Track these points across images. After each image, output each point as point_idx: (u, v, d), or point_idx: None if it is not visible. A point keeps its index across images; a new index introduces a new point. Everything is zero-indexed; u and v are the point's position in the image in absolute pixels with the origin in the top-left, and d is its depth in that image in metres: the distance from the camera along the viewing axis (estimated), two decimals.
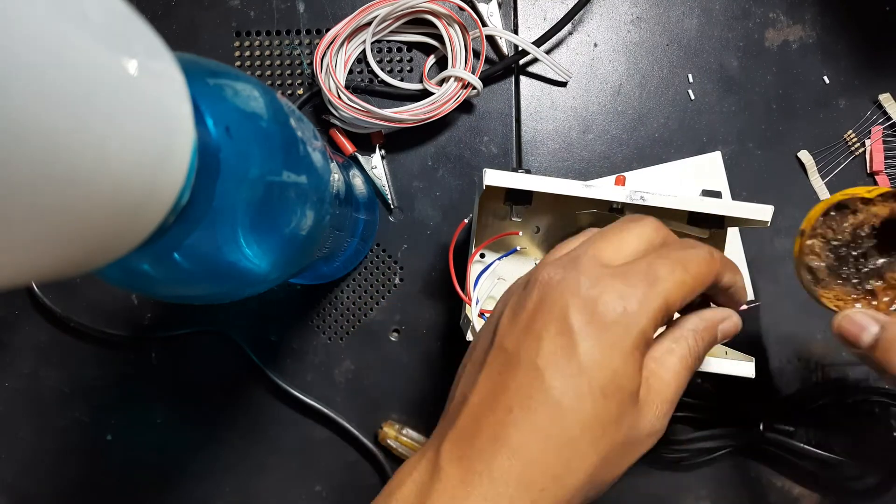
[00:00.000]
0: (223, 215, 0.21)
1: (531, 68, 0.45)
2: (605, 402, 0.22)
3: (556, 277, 0.23)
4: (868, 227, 0.31)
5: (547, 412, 0.21)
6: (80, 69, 0.13)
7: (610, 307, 0.22)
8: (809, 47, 0.45)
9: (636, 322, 0.22)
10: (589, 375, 0.22)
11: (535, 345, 0.22)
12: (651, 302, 0.22)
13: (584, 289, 0.22)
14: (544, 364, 0.22)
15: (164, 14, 0.46)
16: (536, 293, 0.23)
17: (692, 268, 0.24)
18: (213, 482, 0.45)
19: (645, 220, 0.26)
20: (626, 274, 0.23)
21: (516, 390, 0.22)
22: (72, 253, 0.15)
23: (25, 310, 0.46)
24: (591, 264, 0.23)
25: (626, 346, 0.22)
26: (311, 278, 0.43)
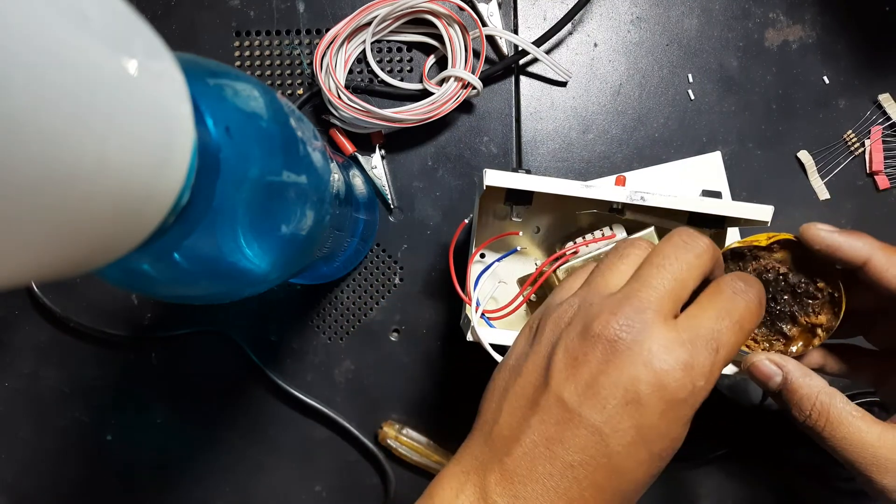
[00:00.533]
0: (223, 215, 0.21)
1: (531, 68, 0.45)
2: (658, 465, 0.24)
3: (624, 339, 0.23)
4: (773, 272, 0.32)
5: (606, 473, 0.23)
6: (80, 69, 0.13)
7: (680, 385, 0.22)
8: (809, 47, 0.45)
9: (700, 397, 0.23)
10: (651, 445, 0.23)
11: (601, 409, 0.23)
12: (715, 374, 0.23)
13: (656, 361, 0.22)
14: (610, 431, 0.22)
15: (164, 14, 0.46)
16: (602, 352, 0.23)
17: (748, 325, 0.24)
18: (213, 482, 0.45)
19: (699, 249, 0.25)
20: (693, 343, 0.23)
21: (578, 449, 0.23)
22: (72, 253, 0.15)
23: (25, 310, 0.46)
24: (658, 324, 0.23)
25: (687, 418, 0.23)
26: (311, 278, 0.43)
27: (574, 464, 0.23)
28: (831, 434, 0.27)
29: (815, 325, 0.31)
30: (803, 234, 0.30)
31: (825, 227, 0.30)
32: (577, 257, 0.36)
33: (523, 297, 0.35)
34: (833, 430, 0.27)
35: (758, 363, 0.30)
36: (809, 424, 0.28)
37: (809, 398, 0.28)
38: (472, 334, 0.34)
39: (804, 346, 0.32)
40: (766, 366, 0.30)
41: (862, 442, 0.27)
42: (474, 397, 0.45)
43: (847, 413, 0.27)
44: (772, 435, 0.43)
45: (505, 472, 0.23)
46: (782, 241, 0.32)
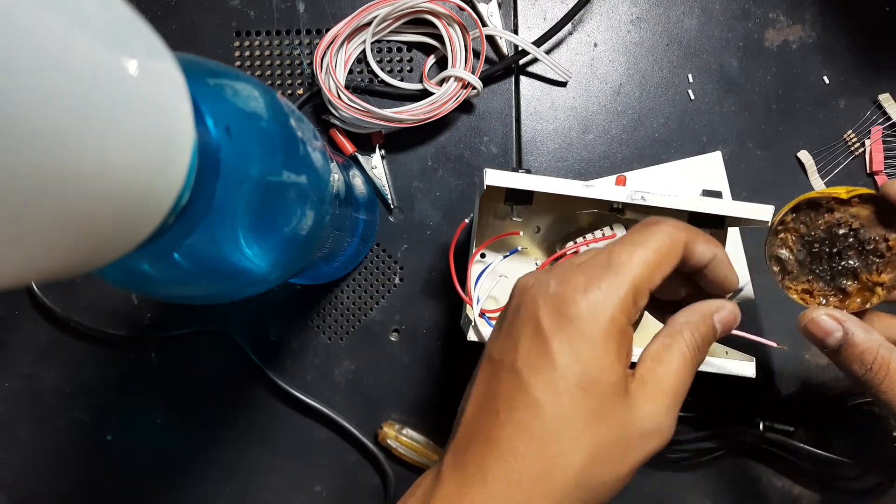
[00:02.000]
0: (223, 215, 0.21)
1: (531, 68, 0.45)
2: (583, 396, 0.22)
3: (530, 281, 0.24)
4: (845, 227, 0.31)
5: (528, 411, 0.22)
6: (81, 69, 0.13)
7: (574, 300, 0.22)
8: (809, 47, 0.45)
9: (602, 311, 0.22)
10: (563, 370, 0.22)
11: (514, 348, 0.23)
12: (616, 289, 0.23)
13: (552, 288, 0.23)
14: (522, 365, 0.22)
15: (164, 14, 0.46)
16: (515, 300, 0.25)
17: (653, 243, 0.24)
18: (213, 482, 0.45)
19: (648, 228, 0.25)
20: (586, 266, 0.23)
21: (502, 395, 0.23)
22: (72, 253, 0.15)
23: (25, 310, 0.46)
24: (563, 266, 0.24)
25: (595, 337, 0.22)
26: (311, 278, 0.43)
27: (499, 410, 0.22)
28: (889, 387, 0.27)
29: (876, 283, 0.30)
30: (886, 188, 0.29)
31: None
32: None
33: None
34: (890, 387, 0.27)
35: (816, 319, 0.28)
36: (869, 378, 0.27)
37: (871, 352, 0.27)
38: (472, 334, 0.34)
39: (861, 304, 0.30)
40: (826, 321, 0.28)
41: None
42: None
43: None
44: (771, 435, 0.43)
45: (454, 446, 0.24)
46: (863, 195, 0.30)
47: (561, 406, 0.22)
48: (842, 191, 0.30)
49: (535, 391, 0.22)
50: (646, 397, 0.23)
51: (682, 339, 0.25)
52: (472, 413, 0.24)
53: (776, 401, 0.43)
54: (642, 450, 0.23)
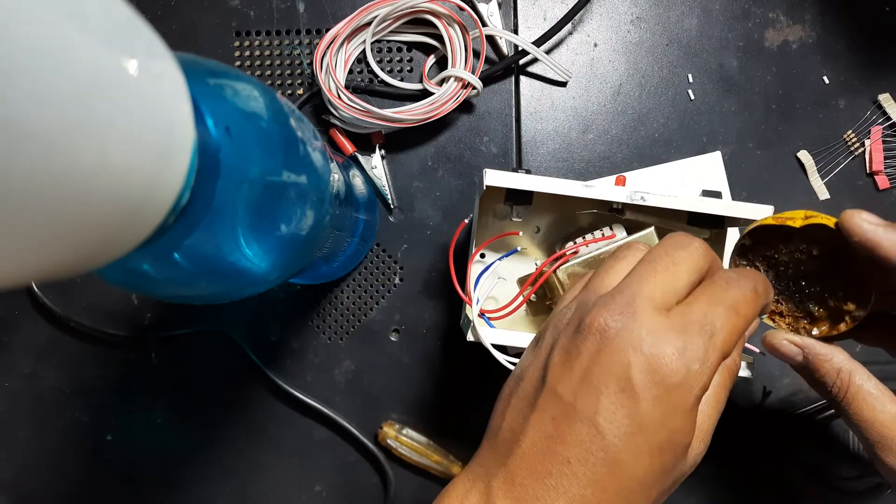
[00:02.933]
0: (223, 215, 0.21)
1: (531, 68, 0.45)
2: (661, 459, 0.22)
3: (613, 327, 0.23)
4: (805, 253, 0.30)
5: (605, 468, 0.22)
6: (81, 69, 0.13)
7: (673, 368, 0.22)
8: (809, 47, 0.45)
9: (698, 381, 0.22)
10: (649, 435, 0.22)
11: (594, 400, 0.22)
12: (711, 358, 0.22)
13: (646, 345, 0.22)
14: (604, 422, 0.22)
15: (164, 14, 0.46)
16: (593, 342, 0.23)
17: (744, 310, 0.24)
18: (213, 482, 0.45)
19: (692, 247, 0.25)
20: (685, 328, 0.23)
21: (574, 444, 0.22)
22: (72, 253, 0.15)
23: (25, 310, 0.46)
24: (648, 311, 0.23)
25: (687, 405, 0.22)
26: (311, 278, 0.43)
27: (571, 459, 0.22)
28: (847, 408, 0.28)
29: (844, 311, 0.30)
30: (843, 222, 0.28)
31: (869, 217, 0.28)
32: (577, 257, 0.36)
33: (523, 297, 0.35)
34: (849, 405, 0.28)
35: (777, 345, 0.31)
36: (832, 396, 0.29)
37: (831, 374, 0.29)
38: (472, 334, 0.34)
39: (829, 330, 0.31)
40: (786, 346, 0.30)
41: (874, 419, 0.28)
42: (474, 397, 0.45)
43: (865, 390, 0.28)
44: (772, 435, 0.43)
45: (507, 474, 0.23)
46: (816, 225, 0.29)
47: (640, 467, 0.22)
48: (798, 217, 0.29)
49: (618, 450, 0.22)
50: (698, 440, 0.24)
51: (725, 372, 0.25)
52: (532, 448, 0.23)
53: (774, 401, 0.43)
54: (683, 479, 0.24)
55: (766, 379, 0.43)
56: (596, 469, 0.22)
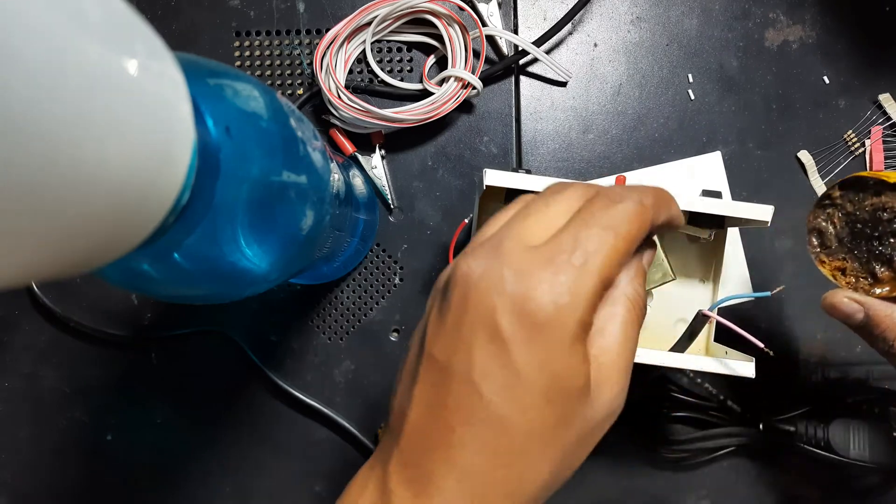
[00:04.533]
0: (223, 215, 0.21)
1: (531, 68, 0.45)
2: (550, 408, 0.20)
3: (476, 271, 0.20)
4: (890, 212, 0.30)
5: (490, 428, 0.20)
6: (81, 69, 0.13)
7: (540, 304, 0.19)
8: (809, 47, 0.45)
9: (572, 314, 0.20)
10: (528, 383, 0.20)
11: (467, 355, 0.20)
12: (585, 286, 0.20)
13: (509, 285, 0.20)
14: (479, 377, 0.20)
15: (164, 14, 0.46)
16: (458, 291, 0.21)
17: (623, 229, 0.21)
18: (213, 482, 0.45)
19: (569, 189, 0.23)
20: (552, 259, 0.20)
21: (455, 408, 0.20)
22: (72, 253, 0.15)
23: (25, 310, 0.46)
24: (515, 250, 0.21)
25: (564, 343, 0.20)
26: (311, 278, 0.43)
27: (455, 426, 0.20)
28: None
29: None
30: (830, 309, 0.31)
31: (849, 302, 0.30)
32: None
33: None
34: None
35: (838, 304, 0.30)
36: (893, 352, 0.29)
37: (893, 329, 0.29)
38: None
39: (890, 292, 0.31)
40: (847, 304, 0.30)
41: None
42: None
43: None
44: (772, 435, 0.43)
45: (400, 454, 0.21)
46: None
47: (528, 421, 0.20)
48: (893, 175, 0.30)
49: (498, 407, 0.20)
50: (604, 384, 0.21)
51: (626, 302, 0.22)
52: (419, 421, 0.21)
53: (776, 401, 0.43)
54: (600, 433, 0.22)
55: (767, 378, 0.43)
56: (481, 432, 0.20)
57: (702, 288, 0.41)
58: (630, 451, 0.44)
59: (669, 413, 0.41)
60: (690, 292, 0.40)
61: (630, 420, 0.43)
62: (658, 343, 0.40)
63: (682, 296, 0.40)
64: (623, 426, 0.43)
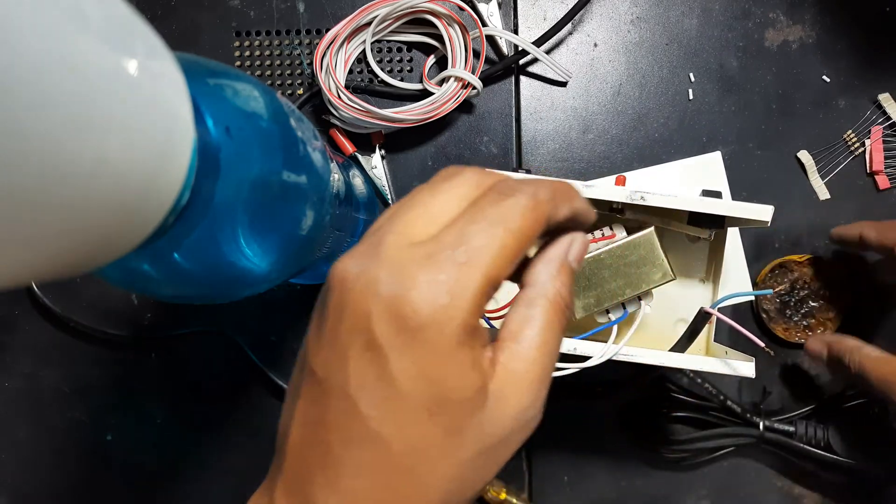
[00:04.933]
0: (223, 215, 0.21)
1: (531, 68, 0.45)
2: (433, 422, 0.18)
3: (352, 272, 0.18)
4: (802, 281, 0.43)
5: (369, 447, 0.18)
6: (81, 69, 0.13)
7: (416, 307, 0.17)
8: (809, 47, 0.45)
9: (452, 317, 0.17)
10: (406, 395, 0.18)
11: (343, 366, 0.18)
12: (468, 287, 0.18)
13: (384, 287, 0.18)
14: (355, 390, 0.18)
15: (164, 14, 0.46)
16: (335, 296, 0.19)
17: (514, 223, 0.19)
18: (214, 482, 0.45)
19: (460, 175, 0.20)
20: (432, 256, 0.18)
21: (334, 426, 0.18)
22: (72, 253, 0.15)
23: (25, 310, 0.46)
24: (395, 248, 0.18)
25: (443, 349, 0.18)
26: (311, 278, 0.43)
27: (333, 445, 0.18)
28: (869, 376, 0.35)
29: (827, 318, 0.43)
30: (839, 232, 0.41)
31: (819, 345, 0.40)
32: None
33: None
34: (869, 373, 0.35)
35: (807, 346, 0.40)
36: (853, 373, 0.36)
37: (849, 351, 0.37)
38: None
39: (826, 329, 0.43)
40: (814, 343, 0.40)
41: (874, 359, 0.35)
42: None
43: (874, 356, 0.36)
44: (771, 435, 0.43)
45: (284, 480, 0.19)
46: (811, 258, 0.43)
47: (408, 437, 0.18)
48: (796, 257, 0.43)
49: (375, 423, 0.18)
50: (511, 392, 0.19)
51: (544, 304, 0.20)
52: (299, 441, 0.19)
53: (776, 401, 0.43)
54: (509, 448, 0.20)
55: (767, 379, 0.43)
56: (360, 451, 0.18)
57: (702, 288, 0.41)
58: (630, 451, 0.44)
59: (669, 413, 0.41)
60: (690, 292, 0.40)
61: (630, 420, 0.44)
62: (658, 343, 0.40)
63: (682, 296, 0.40)
64: (623, 426, 0.44)
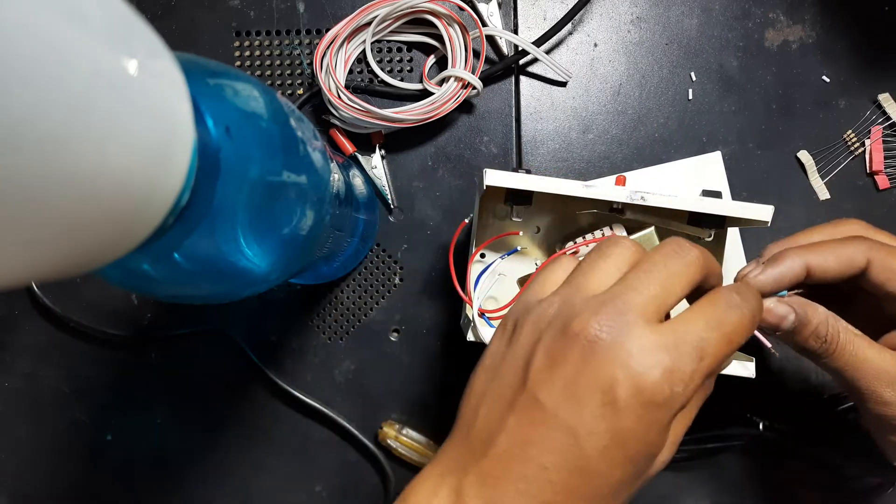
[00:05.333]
0: (223, 215, 0.21)
1: (531, 68, 0.45)
2: (633, 469, 0.23)
3: (603, 339, 0.22)
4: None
5: (580, 477, 0.22)
6: (81, 69, 0.13)
7: (659, 388, 0.22)
8: (809, 47, 0.45)
9: (679, 403, 0.22)
10: (626, 448, 0.22)
11: (577, 411, 0.22)
12: (695, 381, 0.22)
13: (634, 362, 0.22)
14: (585, 434, 0.22)
15: (164, 14, 0.46)
16: (580, 352, 0.23)
17: (737, 338, 0.24)
18: (213, 482, 0.45)
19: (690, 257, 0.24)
20: (677, 348, 0.22)
21: (552, 451, 0.22)
22: (72, 253, 0.15)
23: (25, 310, 0.46)
24: (640, 325, 0.23)
25: (664, 424, 0.23)
26: (311, 278, 0.43)
27: (547, 466, 0.22)
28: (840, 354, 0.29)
29: None
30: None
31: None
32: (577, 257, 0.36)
33: None
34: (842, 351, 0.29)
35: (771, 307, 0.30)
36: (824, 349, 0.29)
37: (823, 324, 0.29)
38: (472, 334, 0.34)
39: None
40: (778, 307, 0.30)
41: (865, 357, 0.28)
42: None
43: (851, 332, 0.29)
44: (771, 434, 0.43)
45: (480, 473, 0.23)
46: None
47: (613, 476, 0.23)
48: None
49: (593, 462, 0.22)
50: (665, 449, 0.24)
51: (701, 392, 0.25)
52: (509, 451, 0.23)
53: (776, 401, 0.43)
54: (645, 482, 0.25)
55: (767, 379, 0.43)
56: (570, 477, 0.22)
57: None
58: None
59: None
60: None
61: None
62: None
63: None
64: None
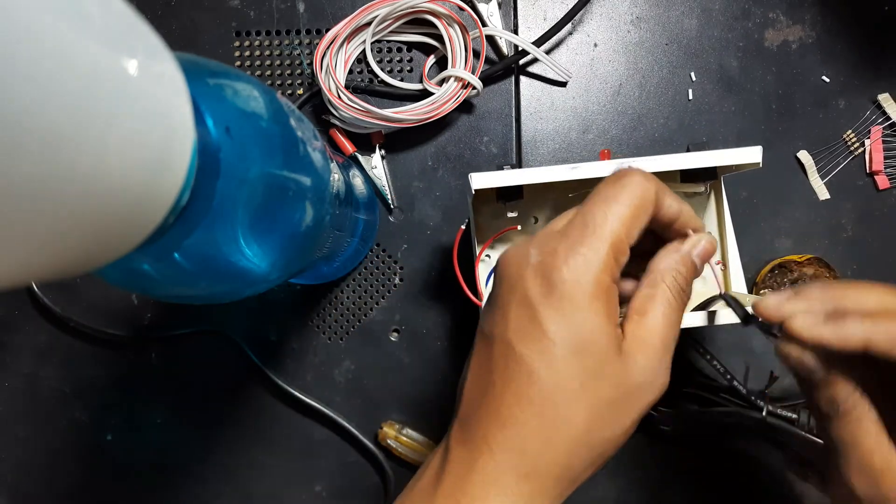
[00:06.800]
0: (223, 215, 0.21)
1: (531, 68, 0.45)
2: (576, 359, 0.22)
3: (512, 255, 0.24)
4: (801, 281, 0.42)
5: (524, 380, 0.23)
6: (81, 69, 0.13)
7: (557, 268, 0.23)
8: (809, 47, 0.45)
9: (585, 274, 0.22)
10: (553, 337, 0.22)
11: (503, 321, 0.23)
12: (596, 251, 0.23)
13: (533, 258, 0.23)
14: (512, 336, 0.23)
15: (164, 14, 0.46)
16: (499, 275, 0.25)
17: (626, 198, 0.24)
18: (213, 482, 0.45)
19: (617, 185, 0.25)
20: (565, 231, 0.24)
21: (496, 367, 0.23)
22: (72, 253, 0.15)
23: (25, 310, 0.46)
24: (542, 234, 0.24)
25: (582, 300, 0.22)
26: (311, 278, 0.43)
27: (496, 381, 0.23)
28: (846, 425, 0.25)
29: None
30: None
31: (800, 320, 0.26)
32: None
33: None
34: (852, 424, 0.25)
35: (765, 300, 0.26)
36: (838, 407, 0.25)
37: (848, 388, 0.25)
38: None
39: None
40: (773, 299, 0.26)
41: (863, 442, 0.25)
42: None
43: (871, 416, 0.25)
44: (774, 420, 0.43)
45: (458, 422, 0.25)
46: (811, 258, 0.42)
47: (556, 371, 0.22)
48: (796, 257, 0.42)
49: (529, 360, 0.22)
50: (637, 351, 0.23)
51: (664, 286, 0.25)
52: (470, 387, 0.25)
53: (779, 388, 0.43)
54: (640, 402, 0.24)
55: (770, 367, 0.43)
56: (516, 383, 0.23)
57: None
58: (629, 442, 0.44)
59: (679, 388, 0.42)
60: None
61: None
62: None
63: None
64: None
